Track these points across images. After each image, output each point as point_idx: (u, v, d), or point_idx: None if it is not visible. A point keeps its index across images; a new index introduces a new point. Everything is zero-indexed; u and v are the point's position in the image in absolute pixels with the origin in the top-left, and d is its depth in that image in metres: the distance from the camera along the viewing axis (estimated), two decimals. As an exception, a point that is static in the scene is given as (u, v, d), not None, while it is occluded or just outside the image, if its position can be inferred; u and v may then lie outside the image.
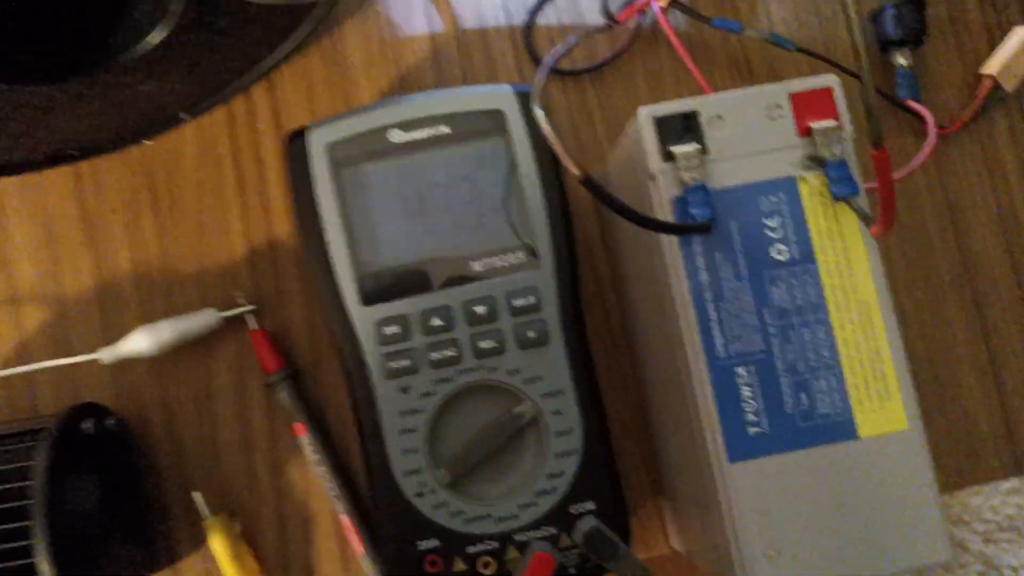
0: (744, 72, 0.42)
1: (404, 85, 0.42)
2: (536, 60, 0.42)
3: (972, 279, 0.42)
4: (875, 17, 0.42)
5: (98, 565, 0.35)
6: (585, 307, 0.36)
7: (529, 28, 0.42)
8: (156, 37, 0.32)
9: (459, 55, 0.42)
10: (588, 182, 0.27)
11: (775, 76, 0.42)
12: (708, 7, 0.42)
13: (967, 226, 0.42)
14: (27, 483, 0.33)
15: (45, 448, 0.34)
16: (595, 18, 0.42)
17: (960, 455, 0.41)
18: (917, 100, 0.41)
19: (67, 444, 0.35)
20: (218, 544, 0.38)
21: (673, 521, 0.39)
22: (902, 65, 0.41)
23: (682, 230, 0.28)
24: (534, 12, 0.42)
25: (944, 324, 0.41)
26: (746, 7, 0.43)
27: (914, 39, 0.41)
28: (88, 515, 0.35)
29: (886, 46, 0.42)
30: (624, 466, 0.40)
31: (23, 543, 0.32)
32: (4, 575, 0.32)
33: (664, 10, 0.40)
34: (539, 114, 0.29)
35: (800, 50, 0.40)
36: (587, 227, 0.42)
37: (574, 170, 0.27)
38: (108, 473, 0.37)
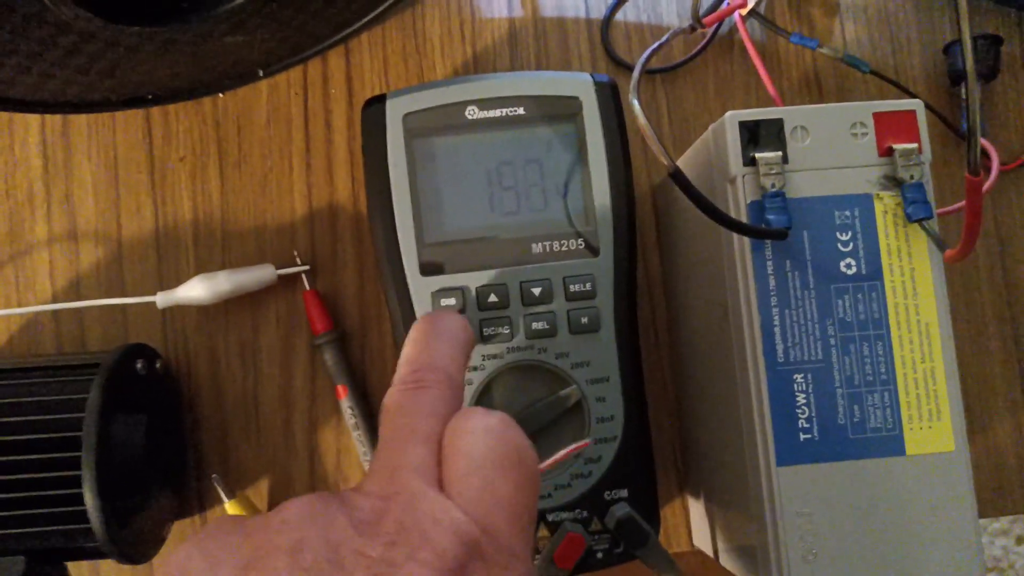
0: (813, 88, 0.43)
1: (478, 65, 0.42)
2: (611, 54, 0.42)
3: (1015, 316, 0.42)
4: (948, 49, 0.42)
5: (136, 503, 0.36)
6: (637, 299, 0.37)
7: (607, 22, 0.43)
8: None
9: (535, 41, 0.43)
10: (677, 176, 0.28)
11: (843, 95, 0.43)
12: (785, 21, 0.43)
13: (1016, 263, 0.42)
14: (80, 415, 0.34)
15: (100, 383, 0.34)
16: (672, 19, 0.43)
17: (985, 486, 0.41)
18: (983, 134, 0.41)
19: (119, 382, 0.35)
20: None
21: (700, 519, 0.39)
22: (970, 98, 0.42)
23: (760, 234, 0.29)
24: (614, 7, 0.43)
25: (983, 356, 0.42)
26: (822, 25, 0.43)
27: (987, 74, 0.41)
28: (132, 453, 0.35)
29: (957, 79, 0.42)
30: (655, 462, 0.41)
31: (73, 472, 0.33)
32: (52, 502, 0.33)
33: (743, 19, 0.40)
34: (635, 106, 0.29)
35: (873, 72, 0.41)
36: (641, 224, 0.42)
37: (666, 163, 0.28)
38: (153, 415, 0.37)
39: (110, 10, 0.32)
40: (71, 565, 0.37)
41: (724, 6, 0.40)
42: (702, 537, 0.40)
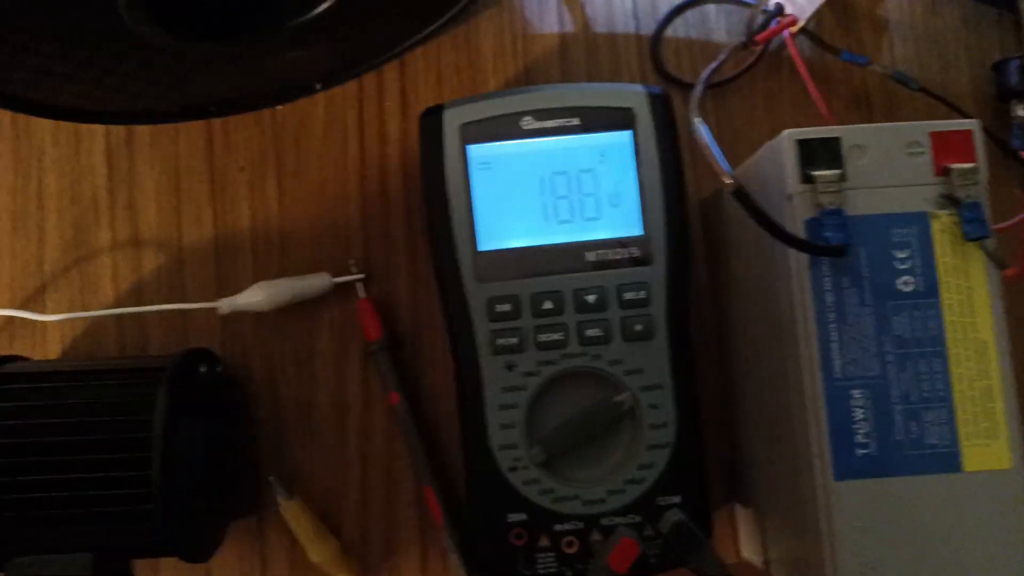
0: (862, 105, 0.43)
1: (529, 78, 0.43)
2: (661, 69, 0.43)
3: (1063, 333, 0.42)
4: (998, 66, 0.43)
5: (199, 503, 0.37)
6: (691, 308, 0.37)
7: (657, 37, 0.43)
8: (322, 6, 0.33)
9: (586, 56, 0.43)
10: (740, 193, 0.28)
11: (892, 113, 0.43)
12: (833, 38, 0.43)
13: (1064, 280, 0.43)
14: (147, 417, 0.35)
15: (167, 385, 0.35)
16: (720, 35, 0.44)
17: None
18: (1030, 153, 0.42)
19: (184, 385, 0.36)
20: (297, 524, 0.39)
21: (748, 530, 0.40)
22: (1020, 116, 0.42)
23: (820, 251, 0.29)
24: (664, 23, 0.43)
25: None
26: (871, 43, 0.44)
27: (1034, 94, 0.42)
28: (197, 454, 0.36)
29: (1006, 96, 0.42)
30: (702, 473, 0.41)
31: (141, 472, 0.34)
32: (121, 501, 0.34)
33: (793, 36, 0.41)
34: (697, 123, 0.30)
35: (922, 90, 0.41)
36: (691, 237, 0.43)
37: (727, 180, 0.28)
38: (213, 418, 0.38)
39: (182, 26, 0.33)
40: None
41: (774, 24, 0.41)
42: (750, 548, 0.40)
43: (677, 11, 0.43)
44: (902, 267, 0.31)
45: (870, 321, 0.31)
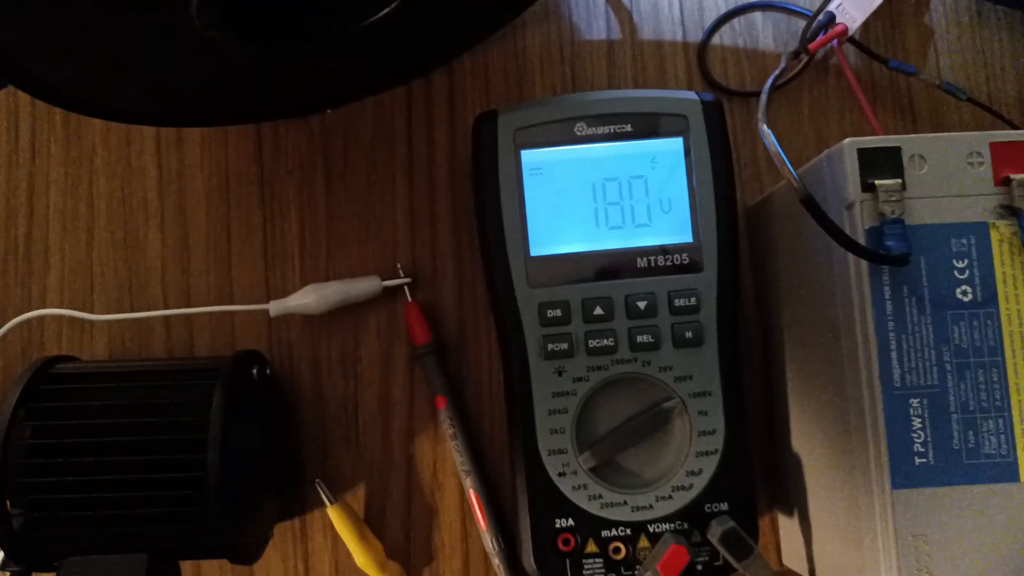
0: (907, 115, 0.43)
1: (577, 85, 0.44)
2: (708, 76, 0.43)
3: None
4: (1045, 76, 0.43)
5: (251, 505, 0.37)
6: (739, 315, 0.37)
7: (704, 45, 0.43)
8: (383, 11, 0.33)
9: (632, 63, 0.44)
10: (808, 201, 0.28)
11: (937, 123, 0.43)
12: (879, 47, 0.44)
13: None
14: (202, 418, 0.35)
15: (222, 387, 0.36)
16: (768, 43, 0.44)
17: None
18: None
19: (237, 386, 0.37)
20: (342, 528, 0.40)
21: (791, 538, 0.40)
22: (1066, 125, 0.42)
23: (883, 259, 0.30)
24: (711, 31, 0.43)
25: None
26: (916, 53, 0.44)
27: (1084, 102, 0.42)
28: (250, 456, 0.37)
29: (1053, 105, 0.42)
30: (745, 479, 0.41)
31: (197, 474, 0.34)
32: (175, 502, 0.34)
33: (841, 44, 0.41)
34: (765, 131, 0.30)
35: (971, 100, 0.41)
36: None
37: (795, 187, 0.28)
38: (264, 419, 0.39)
39: (249, 31, 0.33)
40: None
41: (823, 33, 0.41)
42: (792, 556, 0.40)
43: (724, 19, 0.44)
44: (961, 277, 0.31)
45: (929, 330, 0.31)
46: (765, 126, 0.30)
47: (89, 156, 0.43)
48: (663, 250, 0.37)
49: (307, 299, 0.40)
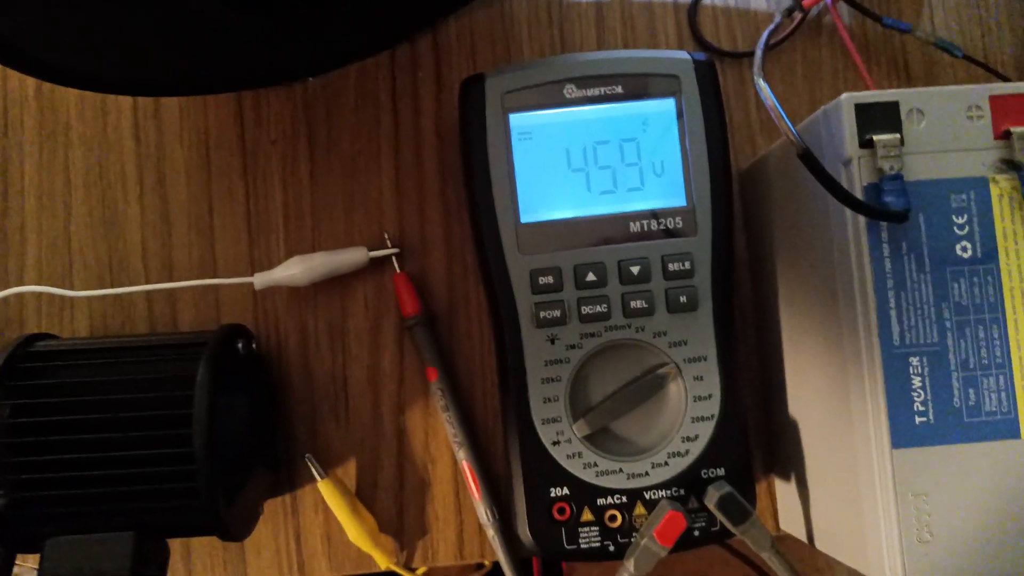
0: (901, 73, 0.42)
1: (565, 47, 0.43)
2: (699, 37, 0.42)
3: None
4: (1041, 31, 0.42)
5: (239, 481, 0.36)
6: (734, 279, 0.37)
7: (695, 6, 0.42)
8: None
9: (622, 25, 0.43)
10: (807, 156, 0.28)
11: (933, 80, 0.42)
12: (872, 4, 0.43)
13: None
14: (188, 393, 0.34)
15: (207, 361, 0.35)
16: (759, 3, 0.43)
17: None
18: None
19: (223, 361, 0.36)
20: (334, 503, 0.39)
21: (788, 502, 0.39)
22: (1063, 82, 0.41)
23: (883, 215, 0.29)
24: (701, -10, 0.42)
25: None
26: (910, 9, 0.43)
27: (1081, 58, 0.41)
28: (237, 431, 0.36)
29: (1049, 62, 0.42)
30: (741, 446, 0.41)
31: (183, 450, 0.33)
32: (162, 479, 0.34)
33: (835, 2, 0.40)
34: (761, 84, 0.29)
35: (967, 57, 0.40)
36: (727, 209, 0.42)
37: (793, 141, 0.28)
38: (250, 394, 0.38)
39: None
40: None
41: (817, -11, 0.40)
42: (790, 520, 0.40)
43: (714, -22, 0.43)
44: (960, 233, 0.30)
45: (928, 288, 0.30)
46: (761, 80, 0.29)
47: (64, 129, 0.42)
48: (656, 214, 0.36)
49: (292, 271, 0.39)
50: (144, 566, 0.34)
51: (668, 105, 0.36)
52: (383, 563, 0.40)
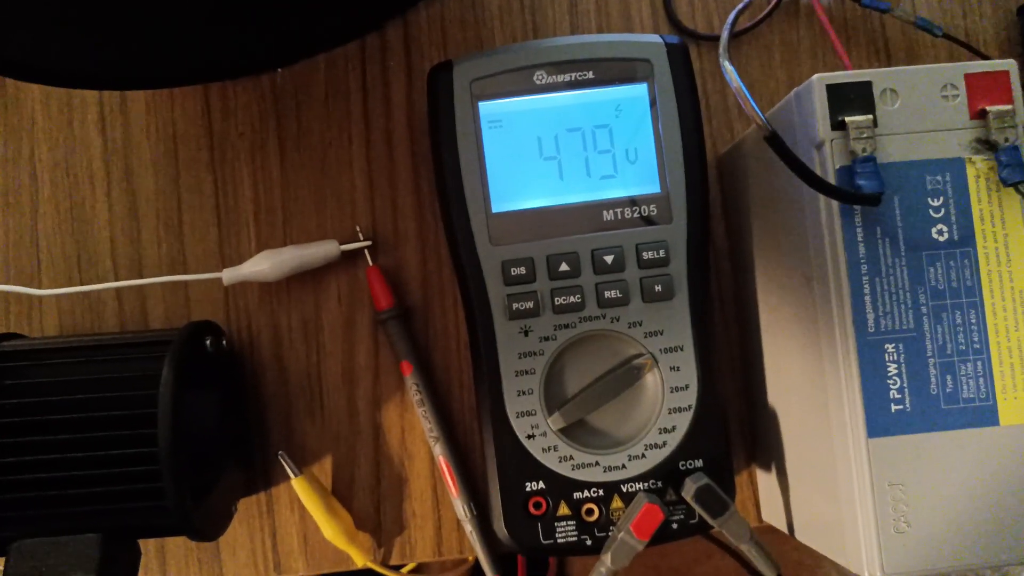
0: (881, 54, 0.42)
1: (538, 33, 0.42)
2: (675, 20, 0.41)
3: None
4: (1023, 11, 0.41)
5: (208, 480, 0.36)
6: (711, 267, 0.36)
7: (670, -11, 0.42)
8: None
9: (596, 9, 0.42)
10: (774, 139, 0.27)
11: (913, 60, 0.41)
12: (851, -16, 0.42)
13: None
14: (153, 392, 0.33)
15: (172, 359, 0.34)
16: (736, -15, 0.42)
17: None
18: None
19: (190, 358, 0.35)
20: (308, 500, 0.38)
21: (770, 494, 0.39)
22: (1045, 61, 0.41)
23: (854, 199, 0.28)
24: (676, -27, 0.42)
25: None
26: (890, -12, 0.42)
27: (1063, 36, 0.40)
28: (204, 430, 0.35)
29: (1032, 40, 0.41)
30: (723, 437, 0.40)
31: (148, 449, 0.33)
32: (128, 479, 0.33)
33: (812, -18, 0.39)
34: (727, 67, 0.28)
35: (947, 36, 0.40)
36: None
37: (759, 124, 0.27)
38: (220, 392, 0.37)
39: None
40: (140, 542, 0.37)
41: (792, -30, 0.39)
42: (771, 512, 0.39)
43: (689, -40, 0.42)
44: (936, 216, 0.30)
45: (904, 272, 0.30)
46: (727, 62, 0.28)
47: (28, 125, 0.41)
48: (630, 202, 0.35)
49: (262, 266, 0.38)
50: (112, 568, 0.34)
51: (641, 91, 0.36)
52: (360, 561, 0.39)
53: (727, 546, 0.42)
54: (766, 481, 0.39)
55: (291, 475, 0.38)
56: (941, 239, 0.30)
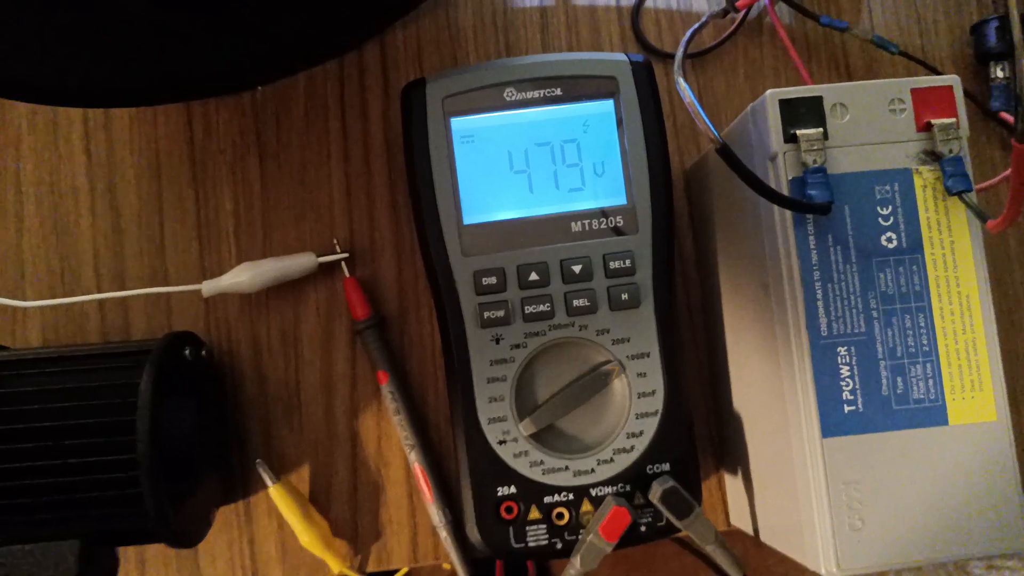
0: (842, 71, 0.43)
1: (511, 52, 0.43)
2: (642, 40, 0.43)
3: (1047, 293, 0.43)
4: (976, 28, 0.43)
5: (187, 487, 0.36)
6: (676, 275, 0.37)
7: (638, 9, 0.43)
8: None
9: (566, 29, 0.43)
10: (725, 151, 0.28)
11: (872, 76, 0.43)
12: (812, 4, 0.43)
13: (1046, 241, 0.43)
14: (132, 400, 0.34)
15: (151, 368, 0.35)
16: (701, 5, 0.43)
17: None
18: (1010, 113, 0.42)
19: (169, 368, 0.36)
20: (285, 508, 0.39)
21: (737, 498, 0.40)
22: (998, 77, 0.42)
23: (805, 208, 0.29)
24: (643, -6, 0.43)
25: (1016, 332, 0.42)
26: (849, 8, 0.44)
27: (1014, 53, 0.42)
28: (183, 438, 0.36)
29: (984, 58, 0.42)
30: (692, 442, 0.41)
31: (127, 456, 0.33)
32: (107, 486, 0.34)
33: (773, 2, 0.41)
34: (681, 84, 0.30)
35: (902, 53, 0.41)
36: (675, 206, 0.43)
37: (711, 136, 0.28)
38: (199, 400, 0.38)
39: None
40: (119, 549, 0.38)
41: (753, -9, 0.41)
42: (739, 515, 0.40)
43: (656, -18, 0.43)
44: (886, 224, 0.31)
45: (855, 278, 0.31)
46: (681, 79, 0.29)
47: (15, 141, 0.42)
48: (597, 213, 0.37)
49: (240, 278, 0.39)
50: (91, 574, 0.34)
51: (607, 106, 0.37)
52: (336, 567, 0.40)
53: (696, 549, 0.43)
54: (733, 485, 0.40)
55: (268, 482, 0.39)
56: (890, 246, 0.31)
